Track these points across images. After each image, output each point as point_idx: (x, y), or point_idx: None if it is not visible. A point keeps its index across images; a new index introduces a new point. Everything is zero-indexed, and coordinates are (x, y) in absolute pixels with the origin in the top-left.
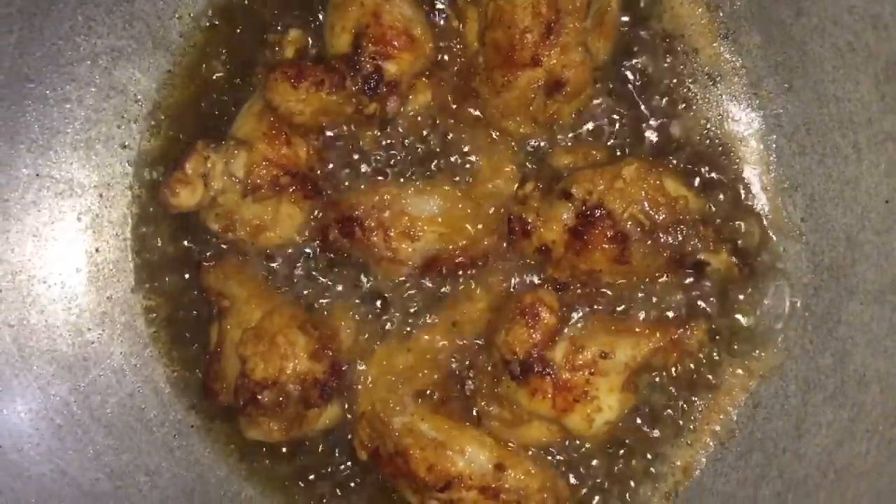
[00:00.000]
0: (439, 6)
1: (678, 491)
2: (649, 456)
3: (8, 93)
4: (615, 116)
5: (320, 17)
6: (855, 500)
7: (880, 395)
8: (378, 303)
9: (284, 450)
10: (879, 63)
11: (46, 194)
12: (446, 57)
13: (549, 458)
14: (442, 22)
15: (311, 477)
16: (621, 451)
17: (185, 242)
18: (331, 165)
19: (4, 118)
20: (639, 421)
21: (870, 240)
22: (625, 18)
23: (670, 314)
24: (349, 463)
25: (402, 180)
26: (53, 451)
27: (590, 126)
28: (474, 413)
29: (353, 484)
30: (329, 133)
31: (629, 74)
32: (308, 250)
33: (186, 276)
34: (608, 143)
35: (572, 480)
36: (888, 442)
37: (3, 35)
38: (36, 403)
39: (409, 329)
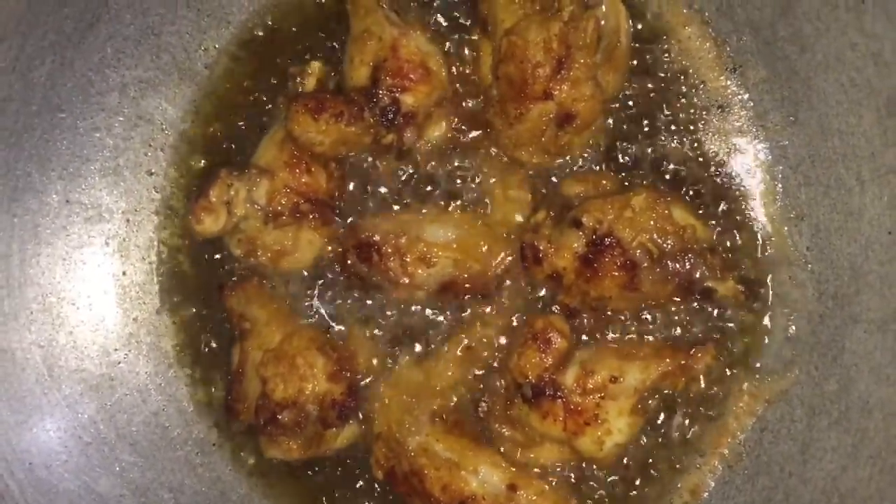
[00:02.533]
0: (455, 40)
1: None
2: (658, 477)
3: (39, 122)
4: (625, 147)
5: (340, 50)
6: None
7: (883, 422)
8: (394, 326)
9: (303, 468)
10: (881, 98)
11: (76, 219)
12: (461, 89)
13: (561, 479)
14: (457, 55)
15: (329, 496)
16: (631, 473)
17: (209, 266)
18: (349, 193)
19: (36, 146)
20: (648, 443)
21: (873, 270)
22: (634, 51)
23: (679, 340)
24: (366, 482)
25: (418, 207)
26: (81, 467)
27: (600, 156)
28: (488, 434)
29: (370, 501)
30: (348, 162)
31: (638, 107)
32: (327, 275)
33: (210, 299)
34: (618, 174)
35: (583, 502)
36: (891, 468)
37: (36, 67)
38: (64, 422)
39: (424, 352)
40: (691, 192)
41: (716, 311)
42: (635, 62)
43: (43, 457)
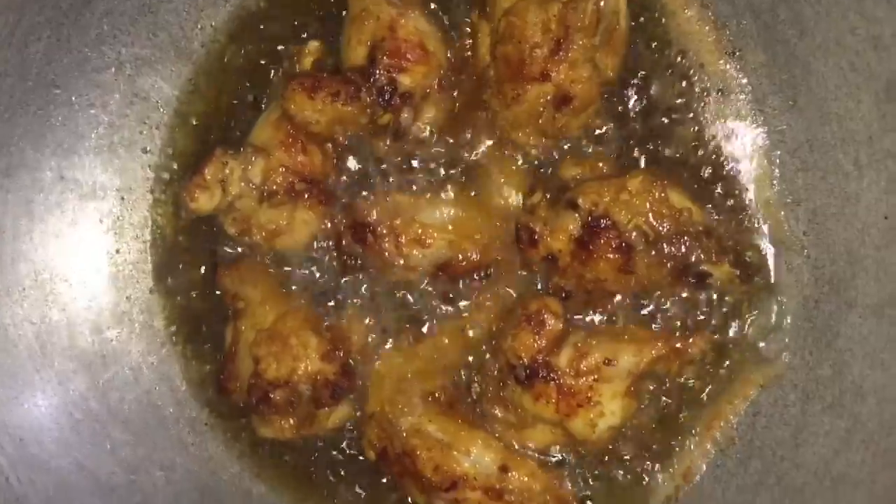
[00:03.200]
0: (452, 21)
1: (678, 496)
2: (651, 461)
3: (35, 98)
4: (622, 130)
5: (338, 30)
6: None
7: (876, 407)
8: (388, 306)
9: (295, 448)
10: (880, 83)
11: (70, 196)
12: (459, 70)
13: (553, 461)
14: (455, 36)
15: (321, 475)
16: (624, 456)
17: (203, 246)
18: (345, 174)
19: (31, 122)
20: (640, 426)
21: (869, 254)
22: (633, 33)
23: (673, 323)
24: (358, 462)
25: (413, 189)
26: (72, 444)
27: (597, 139)
28: (480, 416)
29: (361, 483)
30: (344, 142)
31: (636, 89)
32: (322, 255)
33: (203, 278)
34: (615, 156)
35: (575, 483)
36: (883, 452)
37: (32, 42)
38: (56, 398)
39: (418, 333)
40: (688, 176)
41: (710, 296)
42: (634, 45)
43: (34, 432)
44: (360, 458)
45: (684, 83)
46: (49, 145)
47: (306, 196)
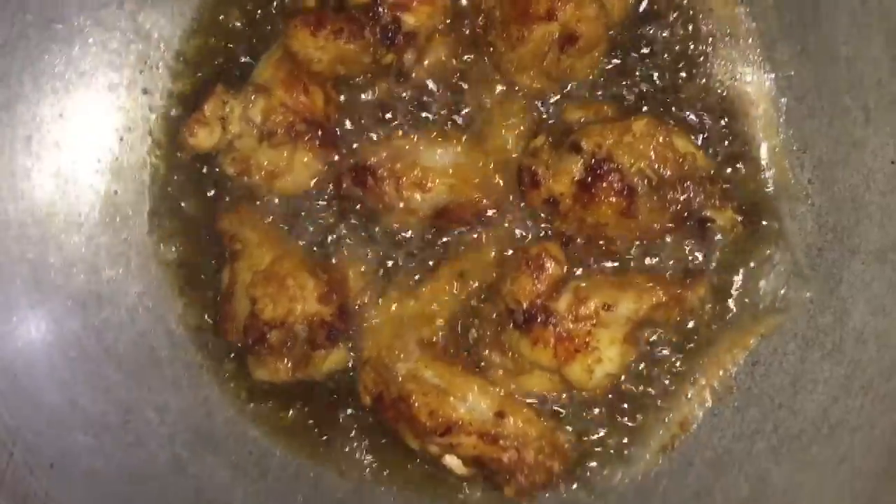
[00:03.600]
0: None
1: (674, 445)
2: (647, 410)
3: (35, 33)
4: (627, 74)
5: None
6: (847, 453)
7: (877, 352)
8: (388, 251)
9: (290, 393)
10: (891, 22)
11: (69, 135)
12: (463, 11)
13: (549, 409)
14: None
15: (315, 420)
16: (620, 405)
17: (201, 188)
18: (346, 116)
19: (31, 57)
20: (638, 375)
21: (874, 200)
22: None
23: (674, 270)
24: (353, 408)
25: (415, 132)
26: (66, 382)
27: (602, 82)
28: (477, 362)
29: (355, 428)
30: (346, 84)
31: (643, 32)
32: (321, 198)
33: (201, 220)
34: (620, 100)
35: (571, 432)
36: (882, 396)
37: None
38: (51, 336)
39: (417, 278)
40: (693, 121)
41: (712, 243)
42: None
43: (28, 369)
44: (356, 403)
45: (692, 27)
46: (48, 82)
47: (307, 137)
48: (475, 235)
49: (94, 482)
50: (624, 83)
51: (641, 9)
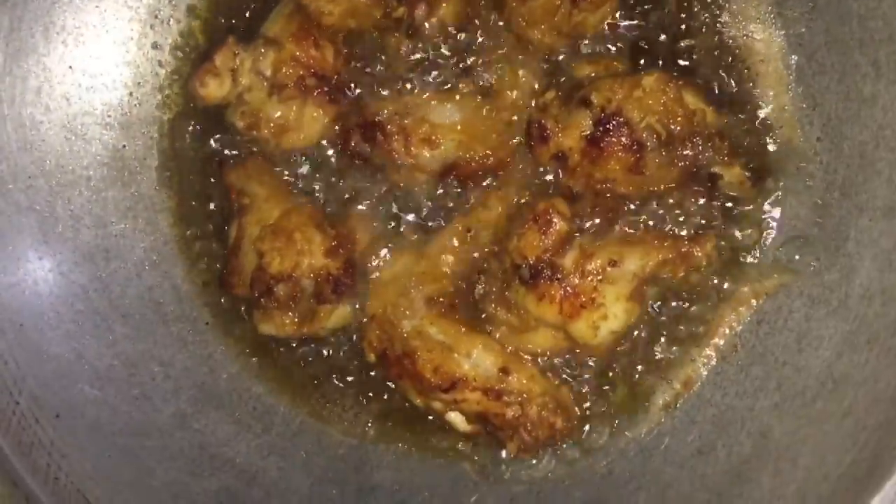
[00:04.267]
0: None
1: (677, 403)
2: (651, 368)
3: None
4: (638, 30)
5: None
6: (851, 407)
7: (882, 308)
8: (395, 207)
9: (294, 349)
10: None
11: (78, 89)
12: None
13: (553, 367)
14: None
15: (319, 378)
16: (624, 362)
17: (210, 143)
18: (356, 71)
19: (41, 8)
20: (643, 333)
21: (883, 157)
22: None
23: (681, 227)
24: (356, 366)
25: (424, 87)
26: (72, 334)
27: (613, 38)
28: (483, 319)
29: (359, 385)
30: (357, 40)
31: None
32: (330, 153)
33: (209, 176)
34: (631, 57)
35: (574, 389)
36: (888, 350)
37: None
38: (58, 288)
39: (424, 234)
40: (703, 78)
41: (719, 201)
42: None
43: (34, 319)
44: (360, 360)
45: None
46: (59, 33)
47: (316, 92)
48: (483, 192)
49: (98, 434)
50: (634, 39)
51: None
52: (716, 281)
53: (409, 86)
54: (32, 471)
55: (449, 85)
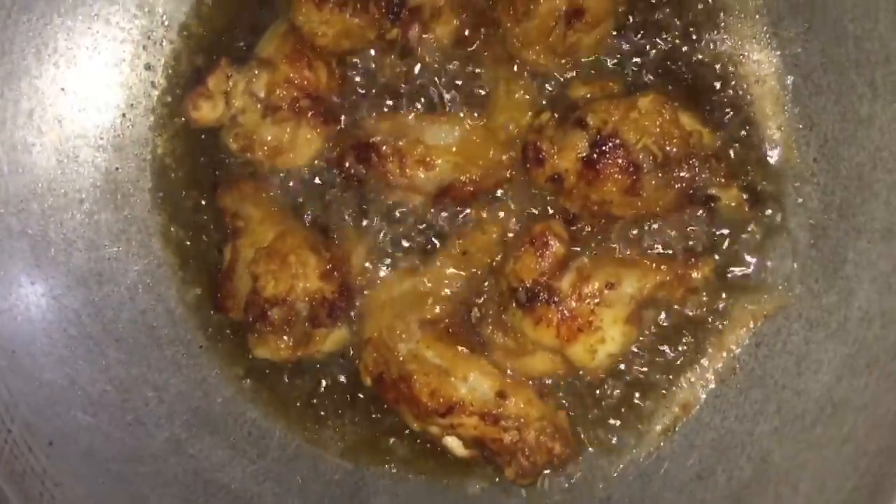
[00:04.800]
0: None
1: (676, 427)
2: (649, 392)
3: (38, 4)
4: (633, 51)
5: None
6: (852, 432)
7: (882, 330)
8: (390, 229)
9: (290, 374)
10: None
11: (70, 110)
12: None
13: (550, 391)
14: None
15: (315, 402)
16: (623, 386)
17: (203, 165)
18: (350, 92)
19: (33, 30)
20: (641, 356)
21: (880, 178)
22: None
23: (678, 249)
24: (353, 389)
25: (419, 109)
26: (65, 360)
27: (608, 59)
28: (480, 342)
29: (355, 410)
30: (350, 60)
31: (650, 9)
32: (324, 175)
33: (203, 198)
34: (626, 77)
35: (572, 413)
36: (888, 375)
37: None
38: (50, 314)
39: (419, 256)
40: (699, 99)
41: (717, 224)
42: None
43: (27, 345)
44: (356, 384)
45: (699, 4)
46: (51, 55)
47: (310, 113)
48: (478, 214)
49: (91, 460)
50: (630, 60)
51: None
52: (713, 303)
53: (403, 107)
54: (26, 499)
55: (443, 106)
